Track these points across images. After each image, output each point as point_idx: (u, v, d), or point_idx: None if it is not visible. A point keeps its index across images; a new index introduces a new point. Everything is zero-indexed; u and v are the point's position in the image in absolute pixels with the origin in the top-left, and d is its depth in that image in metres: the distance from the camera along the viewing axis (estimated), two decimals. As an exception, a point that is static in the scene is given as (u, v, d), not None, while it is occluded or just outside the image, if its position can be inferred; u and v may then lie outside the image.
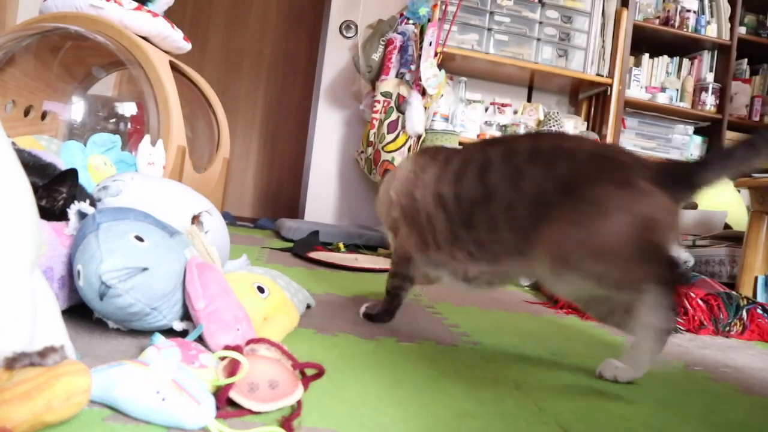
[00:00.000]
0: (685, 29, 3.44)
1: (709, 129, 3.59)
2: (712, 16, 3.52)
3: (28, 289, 0.56)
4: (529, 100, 3.64)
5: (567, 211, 0.91)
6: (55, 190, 0.88)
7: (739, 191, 2.99)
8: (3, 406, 0.47)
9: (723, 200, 2.85)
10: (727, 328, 1.49)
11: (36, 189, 0.82)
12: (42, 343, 0.56)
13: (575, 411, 0.76)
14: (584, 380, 0.91)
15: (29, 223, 0.57)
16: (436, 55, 2.76)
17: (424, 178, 1.10)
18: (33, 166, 0.95)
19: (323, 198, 3.58)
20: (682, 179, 0.95)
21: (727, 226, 2.57)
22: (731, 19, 3.49)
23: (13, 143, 0.90)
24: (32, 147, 1.22)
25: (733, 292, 1.59)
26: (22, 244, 0.55)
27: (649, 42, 3.51)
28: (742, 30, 3.57)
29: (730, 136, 3.52)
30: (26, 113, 2.00)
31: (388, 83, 2.86)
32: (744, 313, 1.52)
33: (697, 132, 3.61)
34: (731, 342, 1.43)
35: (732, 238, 2.21)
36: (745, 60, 3.68)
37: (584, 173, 0.93)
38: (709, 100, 3.48)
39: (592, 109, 3.47)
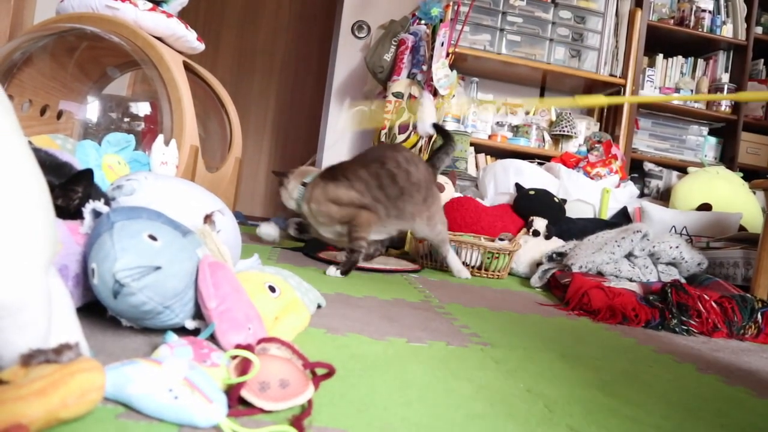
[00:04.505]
0: (700, 29, 3.40)
1: (724, 130, 3.55)
2: (727, 16, 3.48)
3: (44, 287, 0.57)
4: (541, 100, 3.63)
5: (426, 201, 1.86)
6: (70, 190, 0.89)
7: (754, 193, 2.96)
8: (19, 402, 0.48)
9: (738, 202, 2.82)
10: (742, 331, 1.48)
11: (52, 188, 0.83)
12: (57, 341, 0.57)
13: (586, 413, 0.75)
14: (595, 382, 0.91)
15: (45, 222, 0.58)
16: (447, 55, 2.76)
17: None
18: (49, 165, 0.96)
19: (334, 198, 3.59)
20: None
21: (741, 228, 2.54)
22: (747, 19, 3.45)
23: (30, 142, 0.91)
24: (48, 146, 1.24)
25: (748, 295, 1.57)
26: (38, 242, 0.56)
27: (663, 42, 3.48)
28: (759, 30, 3.53)
29: (745, 137, 3.48)
30: (42, 112, 2.02)
31: (400, 83, 2.86)
32: (759, 316, 1.50)
33: (711, 133, 3.57)
34: (745, 345, 1.41)
35: (747, 240, 2.19)
36: (761, 60, 3.63)
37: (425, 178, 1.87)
38: (724, 101, 3.45)
39: (605, 110, 3.45)
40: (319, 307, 1.18)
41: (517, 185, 2.64)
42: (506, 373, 0.89)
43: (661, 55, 3.53)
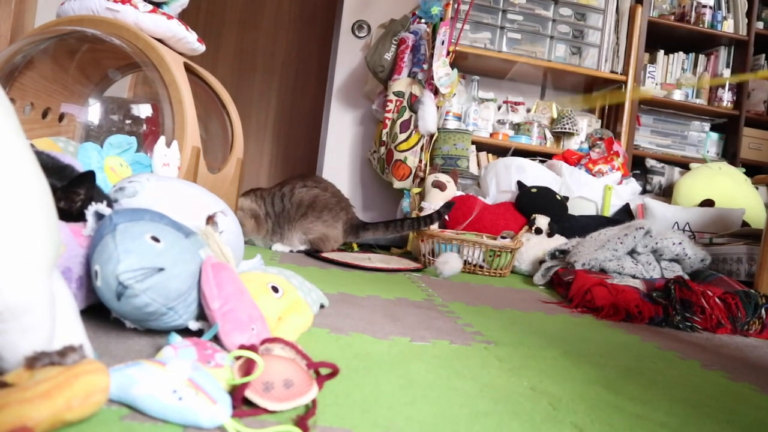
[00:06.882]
0: (700, 25, 3.40)
1: (726, 125, 3.54)
2: (728, 12, 3.47)
3: (48, 290, 0.57)
4: (542, 98, 3.62)
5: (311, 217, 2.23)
6: (73, 192, 0.89)
7: (756, 188, 2.95)
8: (24, 404, 0.48)
9: (740, 198, 2.81)
10: (746, 327, 1.48)
11: (55, 191, 0.83)
12: (61, 343, 0.57)
13: (590, 410, 0.75)
14: (599, 380, 0.91)
15: (48, 224, 0.58)
16: (448, 54, 2.76)
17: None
18: (52, 168, 0.96)
19: (336, 198, 3.58)
20: (353, 228, 2.30)
21: (745, 224, 2.54)
22: (748, 14, 3.44)
23: (32, 145, 0.91)
24: (50, 149, 1.24)
25: (752, 291, 1.57)
26: (41, 245, 0.56)
27: (664, 38, 3.47)
28: (760, 25, 3.52)
29: (747, 133, 3.47)
30: (44, 115, 2.03)
31: (401, 82, 2.86)
32: (762, 311, 1.50)
33: (713, 129, 3.56)
34: (749, 341, 1.41)
35: (750, 235, 2.18)
36: (763, 55, 3.62)
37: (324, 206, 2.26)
38: (726, 96, 3.44)
39: (606, 107, 3.44)
40: (322, 306, 1.18)
41: (519, 183, 2.64)
42: (510, 371, 0.89)
43: (662, 51, 3.52)
